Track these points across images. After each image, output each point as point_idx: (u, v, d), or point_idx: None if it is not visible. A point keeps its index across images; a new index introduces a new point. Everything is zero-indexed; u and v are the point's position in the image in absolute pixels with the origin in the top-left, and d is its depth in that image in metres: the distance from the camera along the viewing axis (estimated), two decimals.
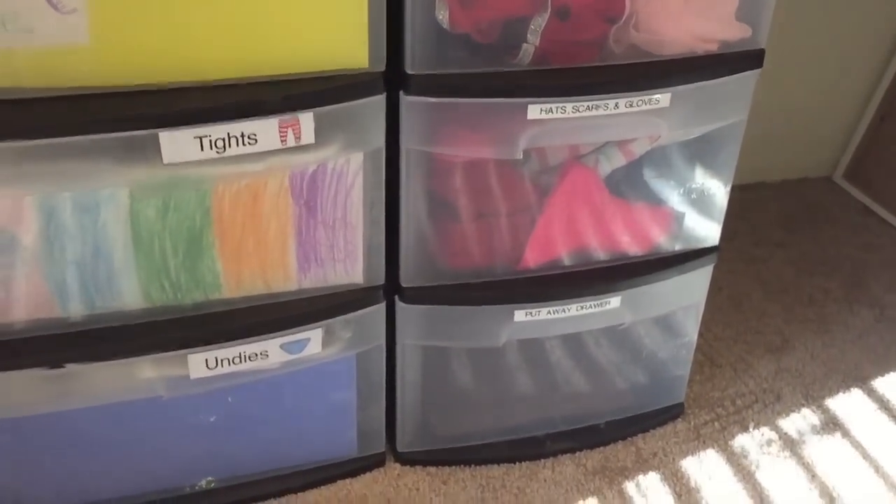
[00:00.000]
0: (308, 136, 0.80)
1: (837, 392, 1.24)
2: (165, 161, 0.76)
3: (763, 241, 1.59)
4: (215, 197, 0.82)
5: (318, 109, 0.79)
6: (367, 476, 1.07)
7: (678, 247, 1.04)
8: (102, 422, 0.93)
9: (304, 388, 0.99)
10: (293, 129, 0.79)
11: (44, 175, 0.75)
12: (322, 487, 1.05)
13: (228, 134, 0.77)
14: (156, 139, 0.75)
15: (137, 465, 1.00)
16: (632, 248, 1.01)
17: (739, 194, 1.67)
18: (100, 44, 0.72)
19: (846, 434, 1.17)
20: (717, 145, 0.98)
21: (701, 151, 1.00)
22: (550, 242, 0.98)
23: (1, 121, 0.71)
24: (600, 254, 1.00)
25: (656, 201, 1.03)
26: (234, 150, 0.78)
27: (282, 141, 0.79)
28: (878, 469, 1.12)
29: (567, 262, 0.99)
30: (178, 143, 0.76)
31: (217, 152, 0.77)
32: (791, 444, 1.14)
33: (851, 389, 1.25)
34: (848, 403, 1.22)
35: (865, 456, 1.13)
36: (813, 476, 1.10)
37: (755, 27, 0.90)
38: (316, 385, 0.99)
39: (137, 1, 0.72)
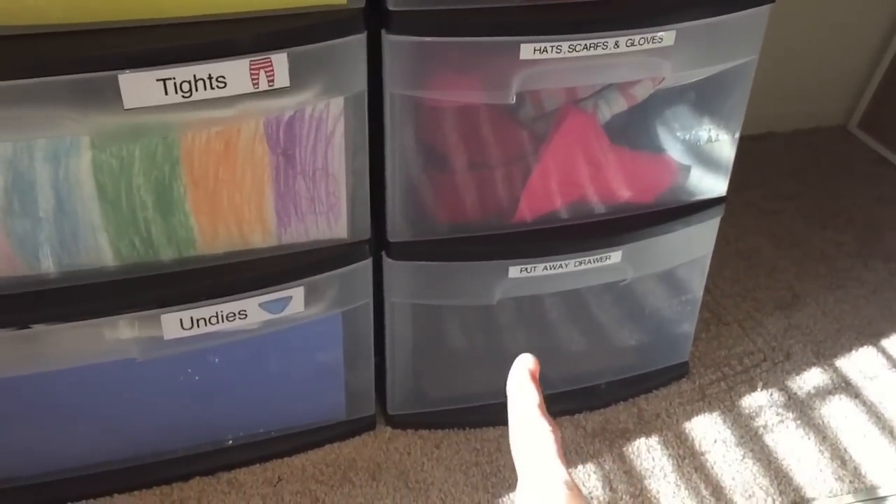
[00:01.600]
0: (282, 78, 0.75)
1: (850, 350, 1.19)
2: (127, 106, 0.71)
3: (774, 194, 1.53)
4: (184, 145, 0.77)
5: (292, 49, 0.74)
6: (357, 440, 1.03)
7: (683, 198, 0.98)
8: (76, 385, 0.90)
9: (288, 349, 0.95)
10: (265, 71, 0.74)
11: None
12: (310, 451, 1.01)
13: (194, 76, 0.72)
14: (115, 82, 0.70)
15: (117, 431, 0.96)
16: (633, 199, 0.96)
17: (750, 144, 1.62)
18: None
19: (858, 394, 1.12)
20: (725, 88, 0.92)
21: (708, 95, 0.94)
22: (547, 194, 0.92)
23: None
24: (600, 206, 0.95)
25: (660, 149, 0.97)
26: (201, 94, 0.73)
27: (253, 84, 0.74)
28: (891, 430, 1.07)
29: (564, 214, 0.94)
30: (139, 86, 0.71)
31: (183, 96, 0.72)
32: (801, 405, 1.10)
33: (864, 347, 1.20)
34: (861, 362, 1.17)
35: (878, 416, 1.09)
36: (824, 438, 1.05)
37: None
38: (301, 345, 0.95)
39: None
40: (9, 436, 0.92)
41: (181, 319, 0.84)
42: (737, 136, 0.96)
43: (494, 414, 1.05)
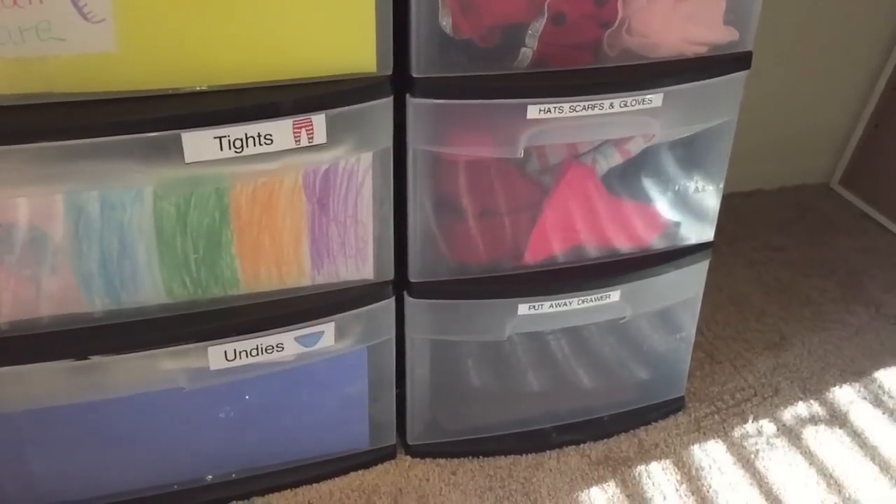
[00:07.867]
0: (320, 136, 0.85)
1: (834, 385, 1.28)
2: (187, 160, 0.81)
3: (762, 245, 1.63)
4: (233, 195, 0.87)
5: (329, 111, 0.84)
6: (380, 467, 1.11)
7: (674, 243, 1.08)
8: (125, 414, 0.97)
9: (318, 381, 1.03)
10: (306, 130, 0.84)
11: (74, 174, 0.80)
12: (336, 478, 1.09)
13: (246, 134, 0.81)
14: (178, 139, 0.79)
15: (158, 457, 1.04)
16: (629, 243, 1.06)
17: (739, 201, 1.73)
18: (126, 51, 0.77)
19: (843, 424, 1.20)
20: (709, 144, 1.03)
21: (694, 150, 1.04)
22: (551, 238, 1.02)
23: (34, 123, 0.76)
24: (599, 249, 1.05)
25: (652, 198, 1.07)
26: (251, 150, 0.82)
27: (295, 141, 0.84)
28: (874, 457, 1.15)
29: (568, 257, 1.04)
30: (199, 143, 0.80)
31: (235, 152, 0.82)
32: (789, 434, 1.18)
33: (848, 383, 1.28)
34: (844, 396, 1.26)
35: (862, 445, 1.17)
36: (811, 463, 1.13)
37: (742, 31, 0.95)
38: (329, 378, 1.04)
39: (161, 11, 0.77)
40: (59, 461, 0.99)
41: (225, 351, 0.93)
42: (720, 186, 1.06)
43: (506, 443, 1.14)
